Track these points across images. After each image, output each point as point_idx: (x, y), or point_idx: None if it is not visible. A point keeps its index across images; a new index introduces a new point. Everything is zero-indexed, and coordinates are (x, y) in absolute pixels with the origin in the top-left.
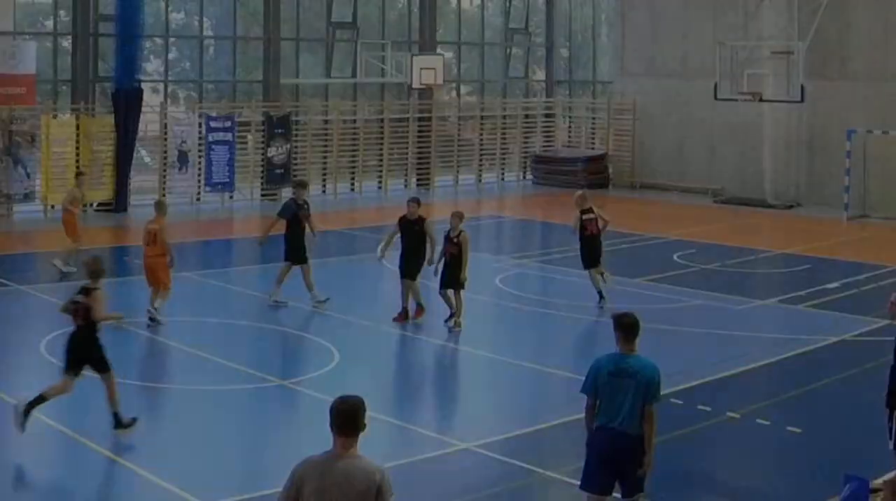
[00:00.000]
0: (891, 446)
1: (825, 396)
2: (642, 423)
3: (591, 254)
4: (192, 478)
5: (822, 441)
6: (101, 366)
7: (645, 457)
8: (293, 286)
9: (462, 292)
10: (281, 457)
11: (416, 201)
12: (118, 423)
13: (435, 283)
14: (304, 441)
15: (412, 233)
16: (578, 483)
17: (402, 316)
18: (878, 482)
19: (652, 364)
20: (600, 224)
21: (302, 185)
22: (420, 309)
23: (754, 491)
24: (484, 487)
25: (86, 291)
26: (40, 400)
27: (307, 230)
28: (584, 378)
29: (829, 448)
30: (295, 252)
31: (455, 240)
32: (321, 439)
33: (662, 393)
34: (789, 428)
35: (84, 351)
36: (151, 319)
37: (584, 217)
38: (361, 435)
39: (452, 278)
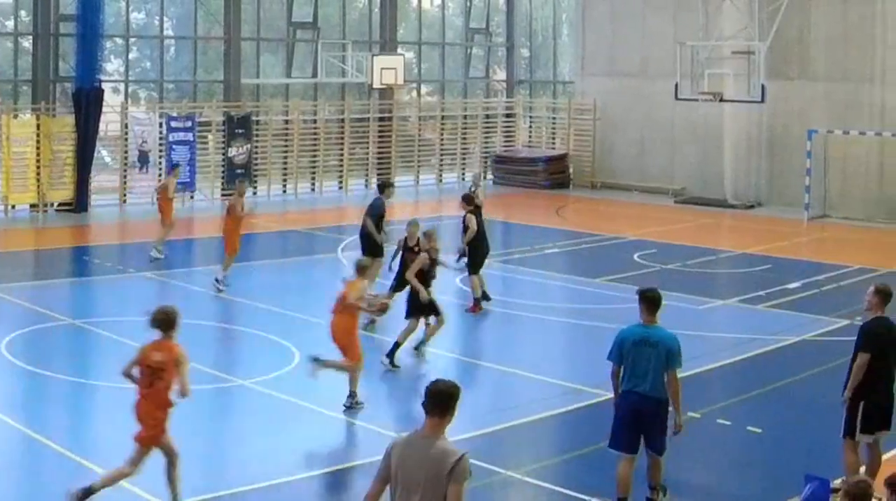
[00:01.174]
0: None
1: (785, 396)
2: (665, 387)
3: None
4: (151, 478)
5: (782, 441)
6: None
7: (677, 417)
8: (251, 286)
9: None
10: (241, 458)
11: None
12: None
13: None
14: (263, 441)
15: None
16: (538, 482)
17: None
18: (838, 482)
19: (672, 334)
20: None
21: (389, 185)
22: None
23: (714, 491)
24: None
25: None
26: None
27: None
28: (540, 377)
29: (790, 449)
30: (376, 247)
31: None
32: (281, 439)
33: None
34: (750, 428)
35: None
36: (217, 280)
37: None
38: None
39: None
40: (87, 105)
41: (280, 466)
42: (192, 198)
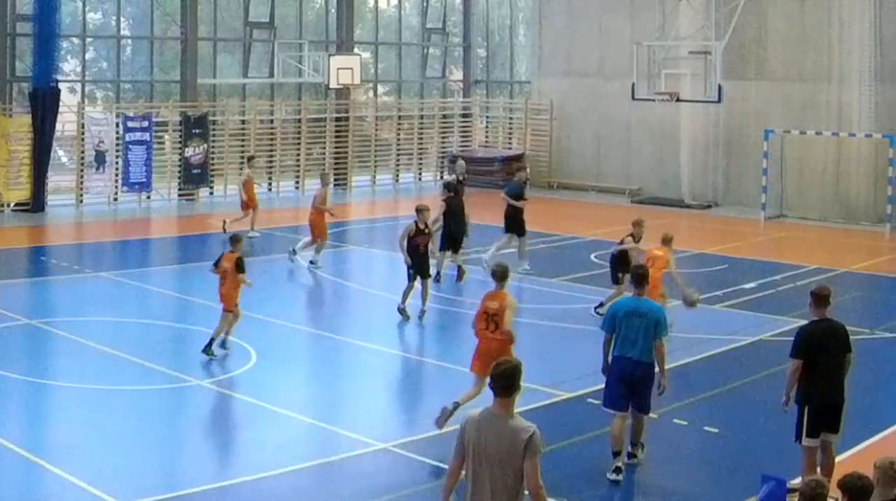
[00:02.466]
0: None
1: (742, 396)
2: (653, 353)
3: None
4: (109, 478)
5: (739, 441)
6: None
7: (662, 379)
8: (207, 286)
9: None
10: (198, 457)
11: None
12: None
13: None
14: (220, 441)
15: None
16: None
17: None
18: (795, 482)
19: (659, 306)
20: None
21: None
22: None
23: (671, 491)
24: (401, 487)
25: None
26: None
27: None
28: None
29: (747, 449)
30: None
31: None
32: (238, 439)
33: (582, 392)
34: (706, 428)
35: None
36: (312, 262)
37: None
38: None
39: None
40: (44, 105)
41: (237, 466)
42: (148, 198)
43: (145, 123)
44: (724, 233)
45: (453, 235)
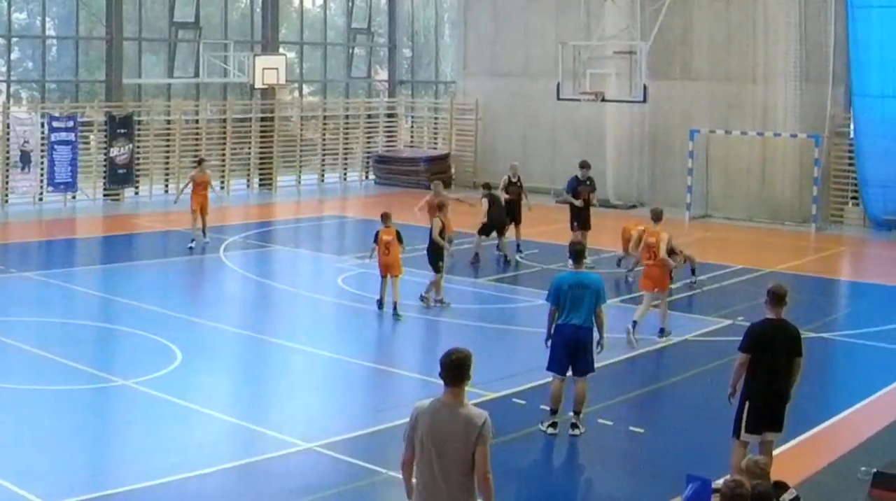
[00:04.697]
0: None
1: (667, 396)
2: (593, 319)
3: None
4: (35, 478)
5: (664, 441)
6: None
7: (601, 340)
8: (133, 286)
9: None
10: (124, 457)
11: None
12: None
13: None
14: (145, 440)
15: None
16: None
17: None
18: (721, 482)
19: (599, 277)
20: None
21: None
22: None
23: (597, 491)
24: (326, 487)
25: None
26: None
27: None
28: (428, 372)
29: (672, 448)
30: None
31: None
32: (163, 438)
33: (506, 392)
34: (632, 428)
35: None
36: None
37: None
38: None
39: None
40: None
41: (162, 466)
42: (73, 198)
43: (70, 123)
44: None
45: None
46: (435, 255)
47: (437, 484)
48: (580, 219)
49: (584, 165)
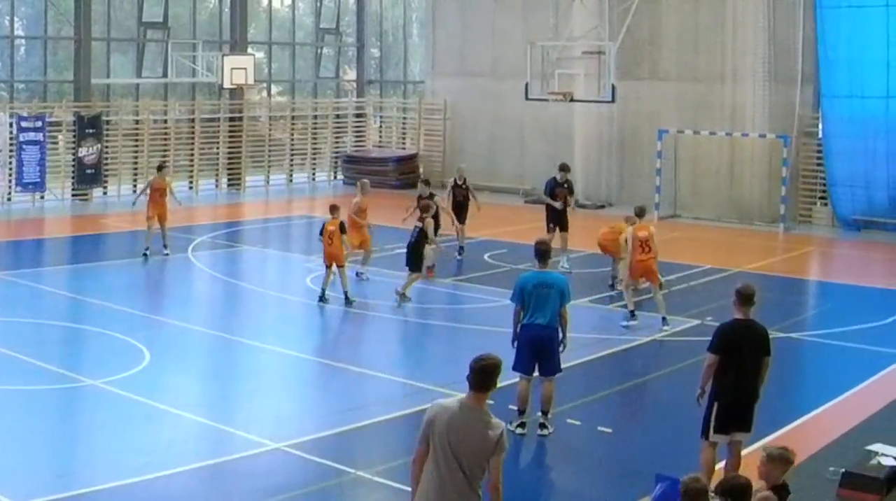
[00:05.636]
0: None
1: (636, 396)
2: (558, 319)
3: None
4: (2, 478)
5: (633, 440)
6: None
7: (565, 339)
8: (101, 286)
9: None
10: (92, 457)
11: (426, 181)
12: None
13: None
14: (114, 441)
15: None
16: (388, 482)
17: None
18: None
19: (563, 277)
20: None
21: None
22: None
23: (565, 492)
24: (295, 487)
25: None
26: None
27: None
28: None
29: (641, 448)
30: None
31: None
32: (132, 438)
33: None
34: (600, 428)
35: None
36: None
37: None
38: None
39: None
40: None
41: (130, 466)
42: (42, 198)
43: (39, 123)
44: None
45: None
46: (417, 255)
47: (444, 484)
48: (557, 221)
49: (564, 168)
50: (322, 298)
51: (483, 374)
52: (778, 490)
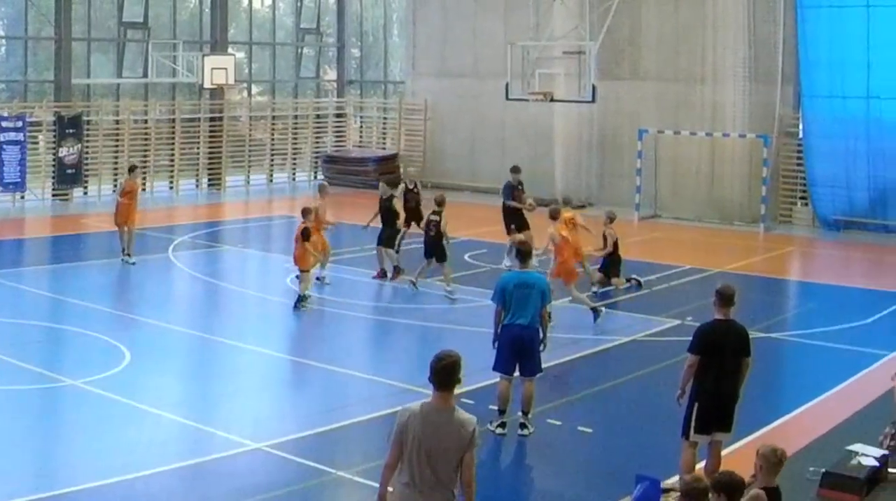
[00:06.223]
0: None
1: (616, 396)
2: (539, 319)
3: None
4: None
5: (613, 441)
6: None
7: (545, 339)
8: (81, 286)
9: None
10: (72, 457)
11: (389, 183)
12: None
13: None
14: (94, 440)
15: (385, 209)
16: (369, 482)
17: (380, 275)
18: (670, 482)
19: (543, 277)
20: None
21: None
22: (396, 271)
23: (546, 492)
24: (275, 487)
25: None
26: None
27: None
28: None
29: (621, 448)
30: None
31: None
32: (112, 438)
33: (456, 392)
34: (580, 429)
35: None
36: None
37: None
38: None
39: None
40: None
41: (110, 466)
42: (22, 198)
43: (19, 123)
44: (597, 233)
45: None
46: (440, 248)
47: (421, 487)
48: (518, 222)
49: (516, 170)
50: (301, 300)
51: (446, 373)
52: (770, 492)
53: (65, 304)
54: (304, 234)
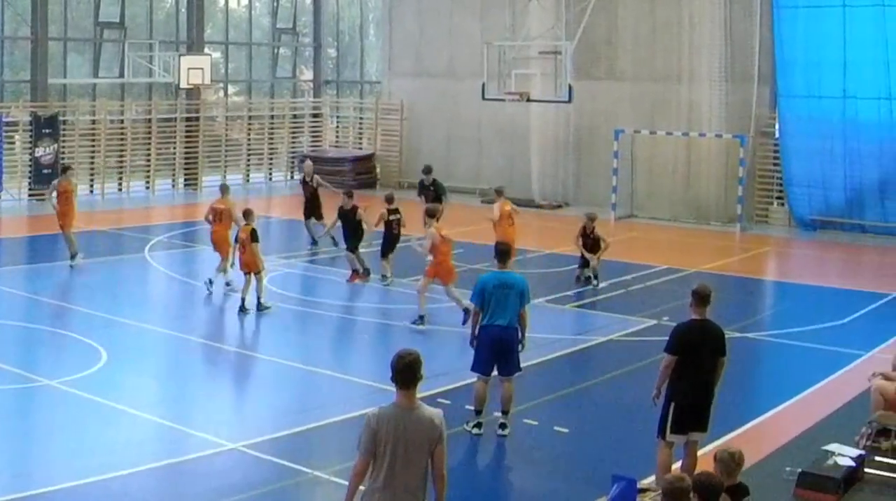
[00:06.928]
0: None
1: (592, 396)
2: (518, 320)
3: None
4: None
5: (589, 441)
6: None
7: (524, 340)
8: (57, 285)
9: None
10: (48, 457)
11: (348, 194)
12: None
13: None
14: (70, 440)
15: (348, 220)
16: (345, 482)
17: (355, 276)
18: (646, 481)
19: (523, 278)
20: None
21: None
22: (366, 272)
23: (522, 492)
24: (252, 487)
25: None
26: None
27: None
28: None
29: (597, 448)
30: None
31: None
32: (88, 438)
33: (431, 392)
34: (556, 429)
35: None
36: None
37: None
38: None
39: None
40: None
41: (87, 466)
42: None
43: None
44: (574, 234)
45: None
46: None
47: (395, 489)
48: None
49: (428, 170)
50: (242, 308)
51: (408, 371)
52: (732, 490)
53: (41, 304)
54: (254, 236)
